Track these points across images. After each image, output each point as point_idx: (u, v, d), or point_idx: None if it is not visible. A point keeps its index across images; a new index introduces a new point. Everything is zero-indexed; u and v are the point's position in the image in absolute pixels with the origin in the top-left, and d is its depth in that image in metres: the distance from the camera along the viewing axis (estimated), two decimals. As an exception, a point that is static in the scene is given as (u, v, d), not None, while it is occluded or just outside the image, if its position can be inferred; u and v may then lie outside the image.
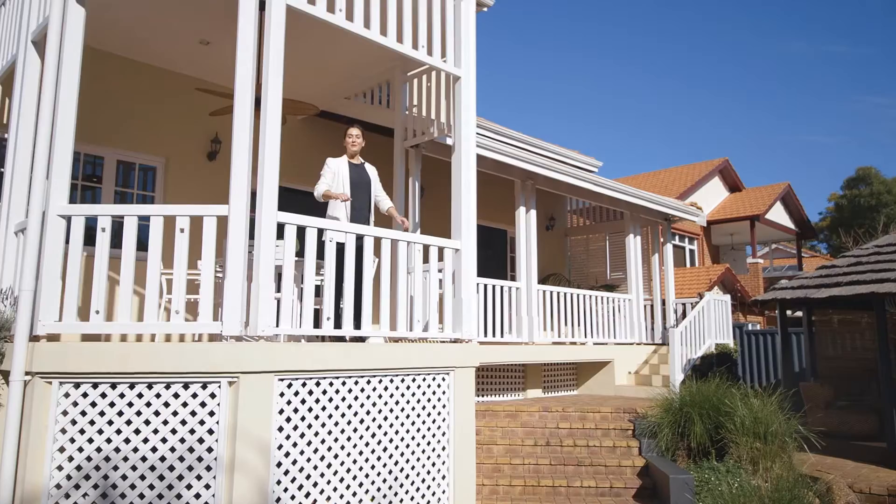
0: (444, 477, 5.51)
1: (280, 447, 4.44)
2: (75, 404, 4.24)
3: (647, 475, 7.31)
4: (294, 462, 4.52)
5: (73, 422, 4.23)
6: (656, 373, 11.03)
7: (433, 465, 5.45)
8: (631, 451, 7.70)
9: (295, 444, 4.54)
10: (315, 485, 4.62)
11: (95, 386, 4.25)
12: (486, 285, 8.86)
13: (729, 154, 73.09)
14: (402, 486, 5.16)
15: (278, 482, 4.40)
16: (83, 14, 4.74)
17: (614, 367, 10.78)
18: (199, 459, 4.22)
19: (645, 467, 7.38)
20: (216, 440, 4.22)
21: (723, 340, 11.78)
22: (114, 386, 4.25)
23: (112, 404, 4.24)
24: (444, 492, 5.48)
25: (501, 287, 9.12)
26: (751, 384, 7.90)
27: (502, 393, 9.84)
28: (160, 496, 4.17)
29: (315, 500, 4.62)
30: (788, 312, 9.62)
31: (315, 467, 4.63)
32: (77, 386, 4.25)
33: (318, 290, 5.89)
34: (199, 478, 4.20)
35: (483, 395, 9.46)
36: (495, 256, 12.53)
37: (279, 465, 4.42)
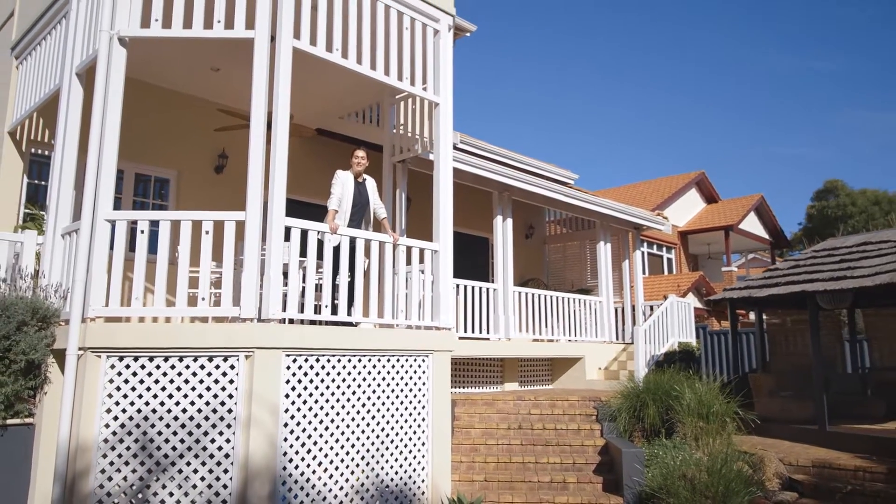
0: (423, 444, 6.48)
1: (286, 410, 5.40)
2: (119, 374, 5.20)
3: (606, 453, 8.26)
4: (298, 423, 5.49)
5: (118, 388, 5.19)
6: (624, 368, 12.03)
7: (414, 433, 6.42)
8: (593, 432, 8.66)
9: (299, 409, 5.51)
10: (315, 443, 5.59)
11: (136, 359, 5.21)
12: (465, 286, 9.85)
13: (715, 166, 74.70)
14: (387, 448, 6.13)
15: (285, 439, 5.37)
16: (125, 54, 5.73)
17: (585, 364, 11.77)
18: (221, 418, 5.18)
19: (605, 446, 8.33)
20: (235, 403, 5.18)
21: (686, 339, 12.81)
22: (151, 359, 5.22)
23: (150, 374, 5.21)
24: (423, 456, 6.45)
25: (480, 288, 10.11)
26: (712, 378, 8.86)
27: (481, 385, 10.80)
28: (189, 448, 5.13)
29: (315, 456, 5.58)
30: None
31: (315, 428, 5.60)
32: (121, 359, 5.21)
33: (319, 287, 6.85)
34: (221, 433, 5.17)
35: (463, 387, 10.42)
36: (478, 262, 13.53)
37: (286, 424, 5.39)
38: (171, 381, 5.21)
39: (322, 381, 5.70)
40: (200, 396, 5.21)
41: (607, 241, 13.10)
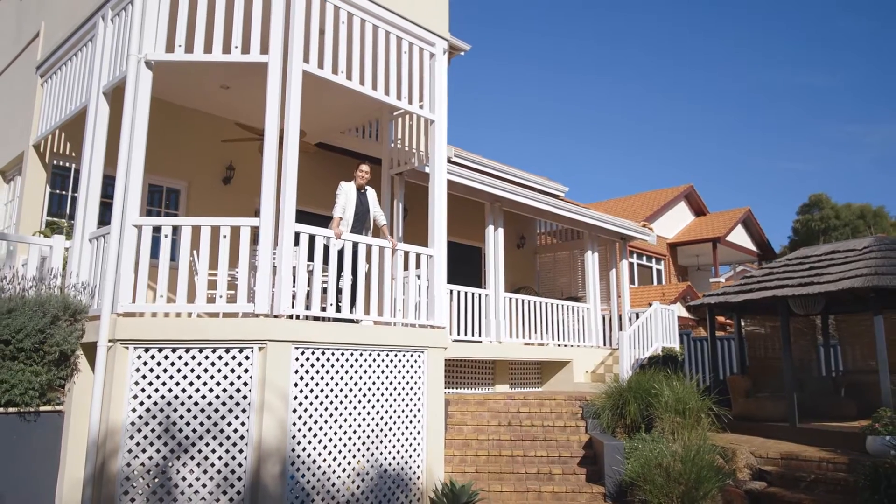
0: (419, 433, 7.05)
1: (295, 397, 5.97)
2: (145, 363, 5.77)
3: (590, 447, 8.82)
4: (305, 410, 6.05)
5: (144, 376, 5.75)
6: (610, 372, 12.59)
7: (410, 422, 6.99)
8: (579, 429, 9.22)
9: (306, 397, 6.08)
10: (321, 428, 6.16)
11: (160, 350, 5.78)
12: (458, 292, 10.43)
13: (708, 180, 75.73)
14: (386, 436, 6.70)
15: (294, 423, 5.93)
16: (150, 76, 6.35)
17: (573, 367, 12.34)
18: (237, 404, 5.75)
19: (589, 441, 8.90)
20: (250, 390, 5.75)
21: (669, 345, 13.40)
22: (174, 350, 5.79)
23: (173, 363, 5.78)
24: (419, 444, 7.02)
25: (472, 293, 10.69)
26: (690, 379, 9.44)
27: (473, 387, 11.36)
28: (208, 430, 5.69)
29: (321, 440, 6.14)
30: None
31: (321, 415, 6.17)
32: (147, 350, 5.78)
33: (324, 287, 7.44)
34: (236, 417, 5.73)
35: (456, 388, 10.97)
36: (471, 271, 14.12)
37: (295, 411, 5.95)
38: (192, 370, 5.78)
39: (327, 372, 6.28)
40: (218, 384, 5.77)
41: (595, 250, 13.73)
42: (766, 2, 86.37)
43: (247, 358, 5.83)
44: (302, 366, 6.09)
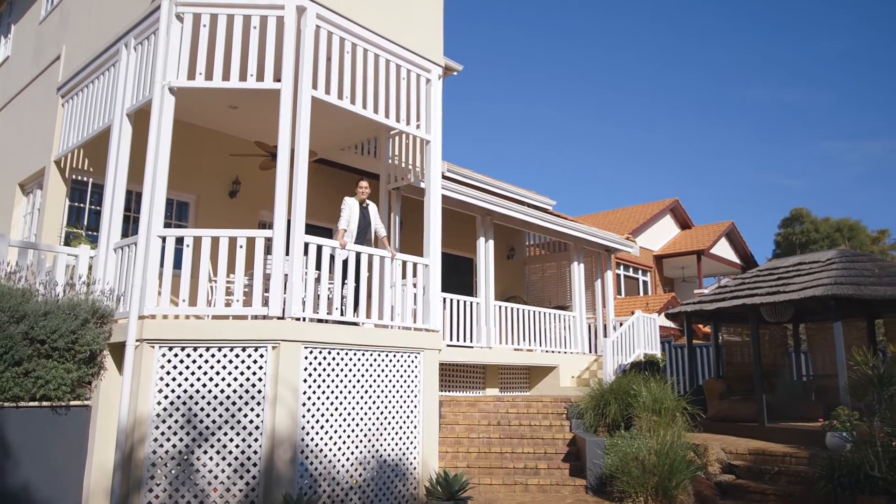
0: (415, 427, 7.67)
1: (304, 392, 6.59)
2: (169, 361, 6.38)
3: (573, 444, 9.45)
4: (314, 404, 6.68)
5: (168, 373, 6.36)
6: (595, 377, 13.25)
7: (408, 417, 7.62)
8: (563, 428, 9.85)
9: (314, 392, 6.71)
10: (327, 420, 6.78)
11: (183, 348, 6.39)
12: (451, 300, 11.08)
13: (693, 193, 76.89)
14: (385, 429, 7.32)
15: (303, 416, 6.55)
16: (173, 101, 7.00)
17: (560, 372, 13.00)
18: (252, 397, 6.36)
19: (573, 439, 9.53)
20: (264, 384, 6.37)
21: (651, 351, 14.08)
22: (195, 348, 6.40)
23: (194, 361, 6.39)
24: (415, 437, 7.65)
25: (464, 301, 11.35)
26: (675, 386, 10.11)
27: (465, 390, 11.99)
28: (226, 421, 6.30)
29: (327, 431, 6.76)
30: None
31: (327, 409, 6.79)
32: (171, 349, 6.39)
33: (330, 292, 8.07)
34: (252, 409, 6.35)
35: (449, 391, 11.60)
36: (463, 280, 14.77)
37: (304, 404, 6.57)
38: (212, 367, 6.40)
39: (333, 369, 6.91)
40: (235, 379, 6.39)
41: (581, 261, 14.43)
42: (751, 20, 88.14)
43: (261, 356, 6.45)
44: (310, 364, 6.72)
